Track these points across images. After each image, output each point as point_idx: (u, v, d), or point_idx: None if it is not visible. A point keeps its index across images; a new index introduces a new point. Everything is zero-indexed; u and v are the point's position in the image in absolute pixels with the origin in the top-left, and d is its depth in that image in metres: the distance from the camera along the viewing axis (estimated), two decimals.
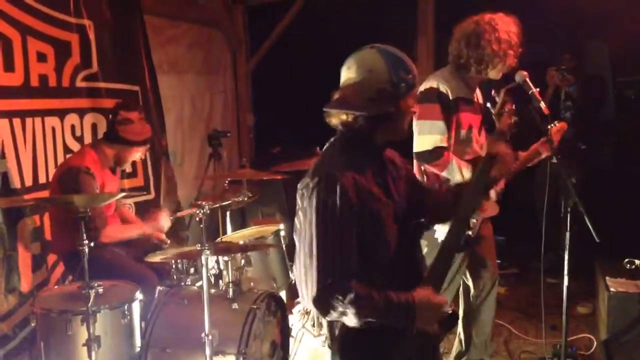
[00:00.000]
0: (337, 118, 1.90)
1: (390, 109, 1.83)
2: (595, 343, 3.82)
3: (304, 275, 1.79)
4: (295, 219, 1.90)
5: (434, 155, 2.90)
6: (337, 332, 1.88)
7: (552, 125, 2.91)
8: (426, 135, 2.90)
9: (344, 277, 1.72)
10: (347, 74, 1.87)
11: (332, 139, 1.94)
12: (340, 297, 1.70)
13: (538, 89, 2.67)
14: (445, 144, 2.90)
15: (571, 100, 4.88)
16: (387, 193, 1.87)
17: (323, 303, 1.74)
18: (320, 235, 1.75)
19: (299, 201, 1.86)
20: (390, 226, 1.85)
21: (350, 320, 1.74)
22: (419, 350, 1.87)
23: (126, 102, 3.71)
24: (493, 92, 2.27)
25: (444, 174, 2.93)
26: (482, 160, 2.09)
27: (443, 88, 2.93)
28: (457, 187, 2.19)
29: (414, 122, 2.91)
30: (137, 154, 3.59)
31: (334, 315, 1.75)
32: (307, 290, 1.78)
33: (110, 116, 3.51)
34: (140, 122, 3.49)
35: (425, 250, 2.32)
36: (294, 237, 1.93)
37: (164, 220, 3.63)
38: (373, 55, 1.84)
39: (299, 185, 1.87)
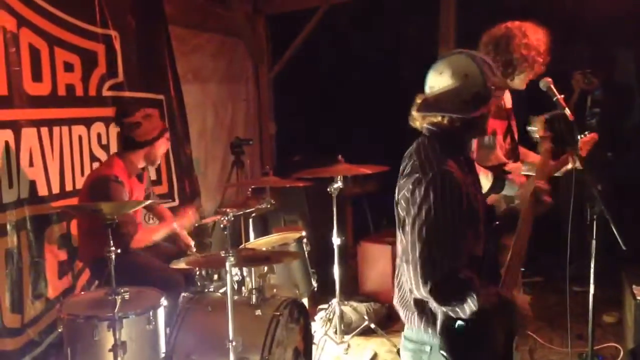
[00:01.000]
0: (425, 120, 1.99)
1: (484, 110, 1.95)
2: (622, 352, 3.76)
3: (421, 263, 1.80)
4: (401, 213, 1.94)
5: None
6: (439, 326, 1.89)
7: (582, 135, 2.89)
8: None
9: (461, 267, 1.80)
10: (439, 78, 1.94)
11: (418, 140, 2.00)
12: (461, 286, 1.77)
13: (563, 96, 2.65)
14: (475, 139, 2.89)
15: (598, 106, 4.83)
16: (477, 188, 1.99)
17: (445, 291, 1.79)
18: (440, 227, 1.79)
19: (406, 195, 1.88)
20: (482, 219, 1.95)
21: (469, 307, 1.78)
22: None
23: (122, 110, 3.77)
24: (531, 119, 2.31)
25: None
26: (529, 198, 2.14)
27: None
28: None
29: None
30: (162, 147, 3.66)
31: (452, 303, 1.81)
32: (422, 278, 1.79)
33: (119, 128, 3.57)
34: (146, 120, 3.55)
35: None
36: (398, 231, 1.98)
37: (192, 216, 3.68)
38: (465, 60, 1.93)
39: (402, 182, 1.92)
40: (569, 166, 2.98)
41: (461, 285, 1.78)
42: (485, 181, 2.87)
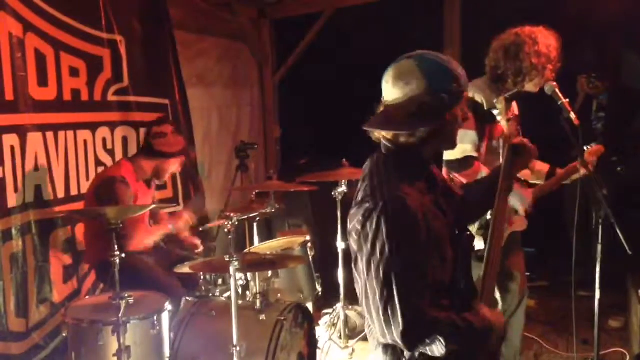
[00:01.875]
0: (380, 133, 1.79)
1: (433, 124, 1.71)
2: (628, 357, 3.74)
3: (382, 309, 1.61)
4: (354, 246, 1.73)
5: (464, 164, 2.87)
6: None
7: (589, 147, 2.87)
8: (457, 144, 2.89)
9: (426, 307, 1.62)
10: (386, 88, 1.76)
11: (374, 155, 1.81)
12: (429, 331, 1.61)
13: (567, 100, 2.64)
14: (475, 154, 2.88)
15: (603, 110, 4.81)
16: (440, 208, 1.77)
17: (412, 337, 1.61)
18: (397, 265, 1.60)
19: (357, 227, 1.69)
20: (447, 243, 1.75)
21: (438, 350, 1.63)
22: None
23: (159, 117, 3.82)
24: (495, 100, 2.28)
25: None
26: (506, 151, 2.07)
27: (479, 98, 2.90)
28: (482, 182, 2.18)
29: None
30: (174, 166, 3.70)
31: (420, 349, 1.65)
32: (387, 325, 1.61)
33: (145, 132, 3.61)
34: (173, 135, 3.60)
35: None
36: (354, 266, 1.76)
37: (188, 218, 3.69)
38: (410, 66, 1.71)
39: (354, 211, 1.72)
40: (578, 175, 2.96)
41: (429, 328, 1.61)
42: None
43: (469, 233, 1.96)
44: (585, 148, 2.85)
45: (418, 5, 5.57)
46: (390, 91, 1.74)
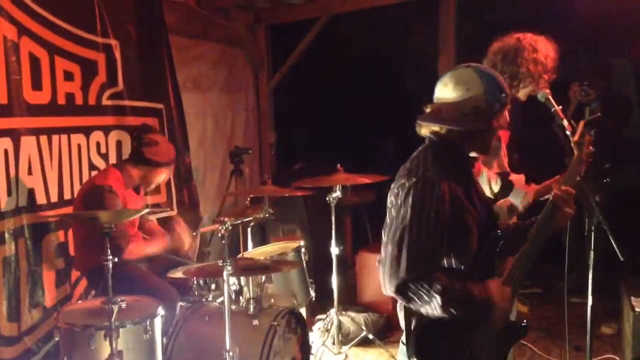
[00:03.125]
0: (428, 129, 2.02)
1: (482, 125, 1.96)
2: None
3: (389, 263, 1.82)
4: (387, 216, 1.96)
5: None
6: (413, 324, 1.91)
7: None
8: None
9: (431, 270, 1.79)
10: (444, 90, 1.99)
11: (421, 147, 2.03)
12: (426, 286, 1.77)
13: (561, 107, 2.65)
14: (476, 154, 2.88)
15: (593, 112, 4.82)
16: (472, 203, 1.94)
17: (408, 290, 1.79)
18: (412, 231, 1.80)
19: (392, 199, 1.93)
20: (474, 234, 1.91)
21: (434, 309, 1.79)
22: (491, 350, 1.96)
23: (150, 124, 3.79)
24: (570, 122, 2.30)
25: None
26: (549, 207, 2.08)
27: None
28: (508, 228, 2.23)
29: None
30: (163, 175, 3.67)
31: (417, 304, 1.81)
32: (389, 275, 1.82)
33: (135, 139, 3.58)
34: (165, 144, 3.59)
35: None
36: (382, 232, 1.97)
37: (185, 236, 3.67)
38: (470, 74, 1.97)
39: (393, 185, 1.96)
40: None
41: (427, 284, 1.77)
42: (494, 186, 2.86)
43: (498, 232, 2.02)
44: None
45: (413, 12, 5.59)
46: (449, 92, 1.97)
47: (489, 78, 1.96)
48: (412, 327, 1.91)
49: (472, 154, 2.14)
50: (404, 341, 2.01)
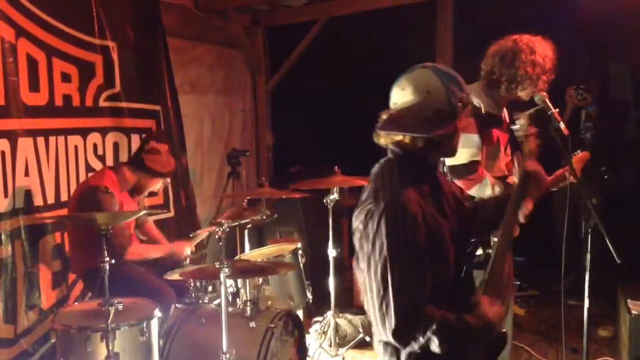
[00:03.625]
0: (388, 138, 1.86)
1: (447, 129, 1.82)
2: None
3: (378, 305, 1.69)
4: (356, 245, 1.83)
5: (470, 169, 2.83)
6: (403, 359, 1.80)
7: (575, 153, 2.89)
8: (461, 149, 2.88)
9: (422, 306, 1.68)
10: (402, 94, 1.84)
11: (382, 160, 1.90)
12: (422, 329, 1.66)
13: (557, 110, 2.66)
14: (479, 158, 2.87)
15: (591, 120, 4.84)
16: (443, 213, 1.85)
17: (404, 335, 1.69)
18: (394, 265, 1.68)
19: (359, 225, 1.79)
20: (450, 247, 1.82)
21: (433, 348, 1.69)
22: None
23: (157, 133, 3.80)
24: (515, 115, 2.28)
25: (473, 189, 2.88)
26: (520, 177, 2.07)
27: (476, 102, 2.88)
28: (489, 202, 2.20)
29: None
30: (157, 185, 3.69)
31: (415, 347, 1.70)
32: (382, 321, 1.70)
33: (139, 144, 3.58)
34: (166, 155, 3.59)
35: None
36: (355, 264, 1.85)
37: (186, 247, 3.67)
38: (429, 75, 1.82)
39: (357, 212, 1.82)
40: (566, 181, 2.97)
41: (423, 327, 1.66)
42: (497, 189, 2.85)
43: (473, 240, 1.97)
44: (572, 154, 2.88)
45: (411, 15, 5.59)
46: (408, 97, 1.82)
47: (448, 78, 1.82)
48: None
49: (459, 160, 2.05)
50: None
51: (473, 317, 1.74)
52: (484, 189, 2.85)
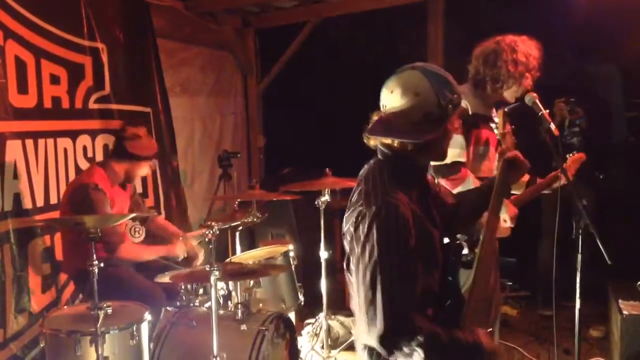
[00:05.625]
0: (378, 140, 1.85)
1: (436, 133, 1.77)
2: None
3: (365, 310, 1.67)
4: (347, 247, 1.81)
5: (452, 169, 2.85)
6: None
7: (570, 154, 2.90)
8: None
9: (409, 314, 1.64)
10: (390, 97, 1.79)
11: (371, 162, 1.88)
12: (407, 339, 1.62)
13: (547, 111, 2.67)
14: (463, 159, 2.88)
15: (578, 127, 4.81)
16: (432, 219, 1.83)
17: (389, 343, 1.65)
18: (384, 270, 1.65)
19: (351, 230, 1.76)
20: (438, 251, 1.80)
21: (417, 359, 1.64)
22: None
23: (131, 119, 3.79)
24: (494, 113, 2.28)
25: (457, 189, 2.89)
26: (501, 165, 2.06)
27: (463, 103, 2.91)
28: (475, 191, 2.19)
29: None
30: (145, 169, 3.66)
31: (398, 357, 1.67)
32: (368, 326, 1.66)
33: (118, 134, 3.57)
34: (147, 137, 3.59)
35: None
36: (346, 270, 1.84)
37: (180, 249, 3.66)
38: (417, 77, 1.77)
39: (348, 214, 1.80)
40: (559, 183, 2.98)
41: (409, 337, 1.62)
42: None
43: (458, 242, 1.96)
44: (567, 156, 2.89)
45: (402, 17, 5.60)
46: (396, 100, 1.78)
47: (438, 79, 1.77)
48: None
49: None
50: None
51: (464, 334, 1.70)
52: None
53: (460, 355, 1.69)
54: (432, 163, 2.91)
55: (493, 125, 2.26)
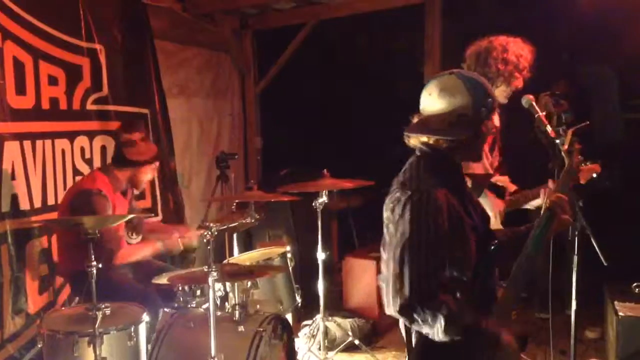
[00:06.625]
0: (417, 139, 1.97)
1: (469, 133, 1.90)
2: None
3: (393, 281, 1.78)
4: (384, 230, 1.91)
5: None
6: (414, 342, 1.87)
7: (585, 164, 2.92)
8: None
9: (435, 289, 1.74)
10: (429, 99, 1.94)
11: (412, 158, 1.99)
12: (430, 311, 1.71)
13: (544, 113, 2.68)
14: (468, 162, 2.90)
15: (565, 125, 4.81)
16: (467, 212, 1.91)
17: (413, 311, 1.74)
18: (413, 247, 1.76)
19: (388, 214, 1.88)
20: (473, 245, 1.87)
21: (436, 334, 1.73)
22: None
23: (127, 124, 3.76)
24: (561, 130, 2.31)
25: None
26: (545, 214, 2.00)
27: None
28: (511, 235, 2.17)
29: None
30: (149, 173, 3.65)
31: (421, 326, 1.75)
32: (393, 298, 1.77)
33: (115, 141, 3.57)
34: (143, 142, 3.56)
35: None
36: (382, 249, 1.93)
37: (194, 234, 3.66)
38: (454, 81, 1.91)
39: (387, 199, 1.91)
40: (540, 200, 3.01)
41: (431, 308, 1.71)
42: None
43: (495, 242, 1.99)
44: (582, 165, 2.91)
45: (400, 18, 5.62)
46: (434, 102, 1.92)
47: (473, 84, 1.91)
48: (413, 345, 1.87)
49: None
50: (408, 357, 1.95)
51: (487, 322, 1.78)
52: None
53: (477, 341, 1.77)
54: None
55: (557, 141, 2.29)
